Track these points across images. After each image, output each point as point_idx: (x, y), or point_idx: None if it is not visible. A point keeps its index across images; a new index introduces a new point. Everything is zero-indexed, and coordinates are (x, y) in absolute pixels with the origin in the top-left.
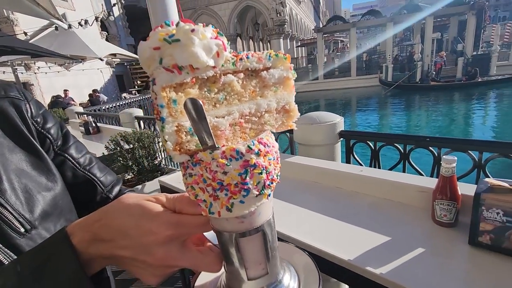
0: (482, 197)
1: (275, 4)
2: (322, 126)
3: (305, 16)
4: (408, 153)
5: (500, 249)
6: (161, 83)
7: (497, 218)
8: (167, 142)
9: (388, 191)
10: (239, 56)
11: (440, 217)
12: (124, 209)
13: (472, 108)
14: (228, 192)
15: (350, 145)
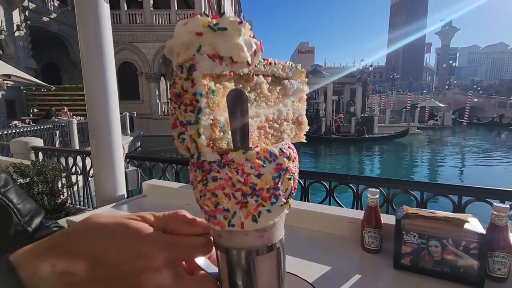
0: (402, 223)
1: None
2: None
3: None
4: (333, 189)
5: (418, 269)
6: (203, 70)
7: (414, 241)
8: (201, 136)
9: (322, 223)
10: (268, 61)
11: (369, 245)
12: (99, 230)
13: (363, 157)
14: (259, 198)
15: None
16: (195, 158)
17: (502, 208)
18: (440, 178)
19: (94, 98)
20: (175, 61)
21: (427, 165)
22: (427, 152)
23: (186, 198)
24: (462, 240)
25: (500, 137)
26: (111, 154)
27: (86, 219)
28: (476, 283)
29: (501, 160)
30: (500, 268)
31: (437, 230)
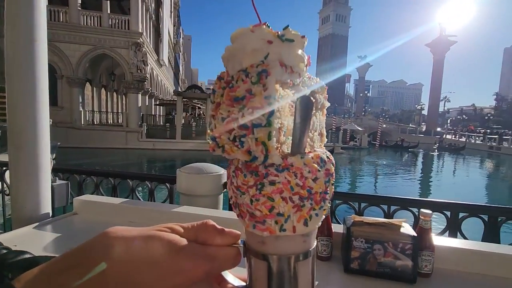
0: (351, 230)
1: (136, 60)
2: (209, 176)
3: (165, 79)
4: None
5: (365, 272)
6: (276, 76)
7: (361, 246)
8: (273, 138)
9: None
10: (309, 75)
11: (321, 252)
12: (127, 245)
13: None
14: (313, 201)
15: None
16: (260, 161)
17: (428, 214)
18: (360, 191)
19: (18, 101)
20: (236, 66)
21: (350, 180)
22: (349, 169)
23: (128, 215)
24: (399, 242)
25: (402, 158)
26: (35, 166)
27: (105, 233)
28: (411, 279)
29: (405, 176)
30: (427, 265)
31: (379, 235)
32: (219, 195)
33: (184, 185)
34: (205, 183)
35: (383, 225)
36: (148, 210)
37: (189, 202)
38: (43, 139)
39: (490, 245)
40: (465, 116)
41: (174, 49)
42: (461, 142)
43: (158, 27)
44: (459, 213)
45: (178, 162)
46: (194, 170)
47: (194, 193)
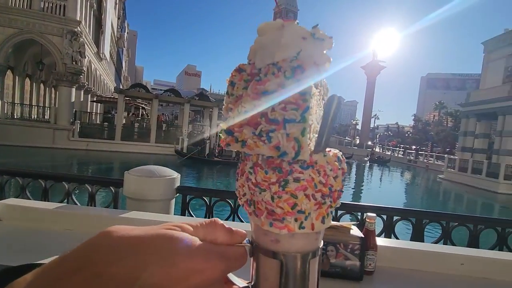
0: None
1: (71, 50)
2: (161, 180)
3: (106, 74)
4: (237, 207)
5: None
6: (310, 73)
7: None
8: (306, 134)
9: None
10: None
11: None
12: (135, 245)
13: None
14: (332, 199)
15: (186, 200)
16: (290, 157)
17: (372, 217)
18: None
19: None
20: (266, 59)
21: None
22: None
23: (65, 221)
24: (349, 243)
25: None
26: None
27: (107, 232)
28: (358, 277)
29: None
30: (371, 264)
31: (333, 237)
32: (172, 199)
33: (133, 188)
34: (157, 187)
35: (335, 227)
36: (90, 216)
37: (138, 207)
38: None
39: (417, 243)
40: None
41: (117, 43)
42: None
43: (100, 18)
44: (393, 217)
45: (116, 165)
46: (145, 172)
47: (144, 198)
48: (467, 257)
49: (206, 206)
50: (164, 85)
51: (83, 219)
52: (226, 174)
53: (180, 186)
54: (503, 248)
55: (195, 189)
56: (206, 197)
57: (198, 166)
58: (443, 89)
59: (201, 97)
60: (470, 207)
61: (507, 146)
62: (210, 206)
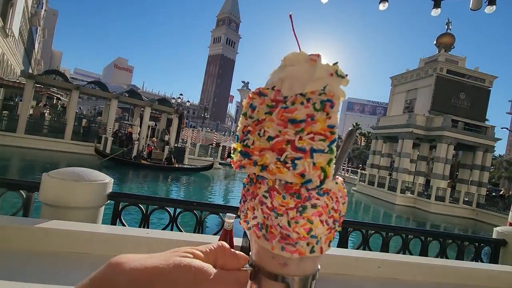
0: None
1: None
2: (91, 184)
3: (10, 54)
4: (177, 216)
5: None
6: (337, 108)
7: None
8: (332, 165)
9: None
10: None
11: None
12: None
13: (171, 185)
14: (337, 223)
15: (119, 208)
16: (314, 185)
17: (230, 217)
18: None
19: None
20: (296, 89)
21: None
22: (224, 183)
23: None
24: None
25: None
26: None
27: (118, 264)
28: None
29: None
30: None
31: None
32: (101, 207)
33: (52, 194)
34: (85, 193)
35: None
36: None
37: (57, 215)
38: None
39: (341, 249)
40: None
41: (30, 20)
42: None
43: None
44: None
45: (16, 163)
46: (70, 175)
47: (67, 205)
48: (383, 261)
49: (142, 214)
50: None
51: None
52: (154, 178)
53: (112, 192)
54: (406, 252)
55: (130, 196)
56: (143, 205)
57: (122, 169)
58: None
59: (132, 94)
60: (375, 215)
61: (403, 165)
62: (146, 215)
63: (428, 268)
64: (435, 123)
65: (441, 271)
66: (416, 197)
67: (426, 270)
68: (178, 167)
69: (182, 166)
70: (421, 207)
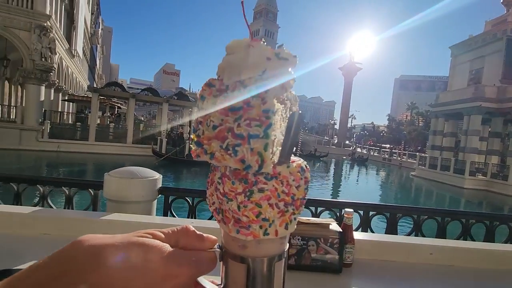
0: None
1: (40, 46)
2: (143, 181)
3: (78, 72)
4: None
5: (301, 266)
6: (275, 92)
7: (298, 243)
8: (268, 149)
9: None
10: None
11: None
12: (110, 253)
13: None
14: (294, 207)
15: (169, 201)
16: (253, 170)
17: (350, 212)
18: None
19: None
20: (234, 76)
21: None
22: None
23: (41, 226)
24: (329, 238)
25: (315, 166)
26: None
27: (79, 242)
28: (337, 270)
29: (322, 181)
30: (349, 256)
31: (313, 232)
32: (153, 201)
33: (113, 190)
34: (139, 188)
35: (315, 223)
36: (69, 219)
37: (119, 209)
38: None
39: (391, 236)
40: (366, 132)
41: (91, 40)
42: (365, 154)
43: (72, 13)
44: (369, 212)
45: (90, 167)
46: (126, 174)
47: (125, 199)
48: (435, 247)
49: (188, 206)
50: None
51: (61, 222)
52: (206, 174)
53: (162, 187)
54: (467, 238)
55: (177, 190)
56: (189, 198)
57: (176, 167)
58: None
59: (180, 97)
60: (439, 201)
61: (471, 144)
62: (192, 207)
63: (491, 254)
64: (509, 93)
65: (506, 257)
66: (490, 179)
67: (489, 256)
68: None
69: None
70: (497, 190)
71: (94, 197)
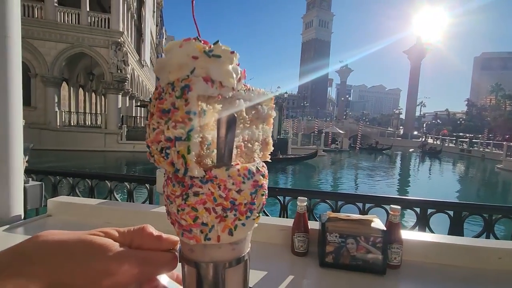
0: (326, 225)
1: (116, 60)
2: None
3: (147, 80)
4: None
5: (339, 265)
6: (198, 91)
7: (335, 240)
8: (191, 152)
9: (256, 232)
10: (247, 87)
11: (298, 248)
12: (58, 248)
13: (277, 174)
14: (237, 212)
15: None
16: (181, 173)
17: (396, 209)
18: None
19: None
20: (165, 79)
21: (331, 180)
22: (331, 171)
23: (105, 216)
24: (371, 236)
25: (376, 160)
26: (7, 166)
27: (36, 237)
28: (381, 271)
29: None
30: (396, 257)
31: (352, 230)
32: None
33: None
34: None
35: (355, 220)
36: (126, 211)
37: None
38: (15, 139)
39: (454, 237)
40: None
41: (156, 49)
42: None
43: (140, 27)
44: (427, 209)
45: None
46: None
47: None
48: (505, 250)
49: None
50: None
51: (121, 213)
52: (293, 172)
53: None
54: None
55: None
56: None
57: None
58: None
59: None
60: None
61: None
62: None
63: None
64: None
65: None
66: None
67: None
68: (282, 157)
69: (286, 157)
70: None
71: (150, 191)
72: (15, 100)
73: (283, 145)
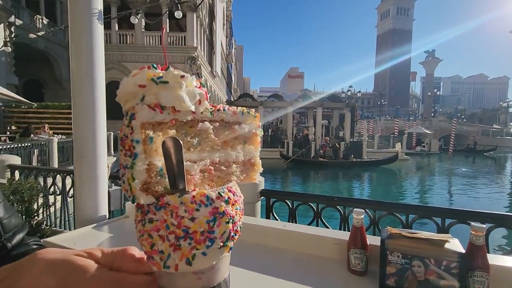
0: (386, 243)
1: (191, 73)
2: (246, 184)
3: (219, 89)
4: (320, 211)
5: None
6: (142, 119)
7: (398, 261)
8: (135, 180)
9: (308, 245)
10: (216, 107)
11: (355, 266)
12: (45, 266)
13: (350, 180)
14: (192, 241)
15: (270, 203)
16: (131, 200)
17: (480, 228)
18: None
19: (81, 116)
20: (124, 107)
21: (416, 191)
22: (417, 178)
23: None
24: (443, 259)
25: (476, 164)
26: (95, 173)
27: (35, 254)
28: None
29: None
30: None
31: (419, 250)
32: (256, 202)
33: None
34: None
35: (424, 239)
36: None
37: None
38: (101, 150)
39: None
40: None
41: (226, 59)
42: None
43: (211, 40)
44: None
45: None
46: None
47: None
48: None
49: (288, 209)
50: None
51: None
52: (334, 175)
53: (263, 190)
54: None
55: (278, 192)
56: (289, 200)
57: (304, 168)
58: None
59: (305, 98)
60: None
61: None
62: (292, 209)
63: None
64: None
65: None
66: None
67: None
68: (355, 161)
69: (360, 160)
70: None
71: None
72: (100, 116)
73: (357, 148)
